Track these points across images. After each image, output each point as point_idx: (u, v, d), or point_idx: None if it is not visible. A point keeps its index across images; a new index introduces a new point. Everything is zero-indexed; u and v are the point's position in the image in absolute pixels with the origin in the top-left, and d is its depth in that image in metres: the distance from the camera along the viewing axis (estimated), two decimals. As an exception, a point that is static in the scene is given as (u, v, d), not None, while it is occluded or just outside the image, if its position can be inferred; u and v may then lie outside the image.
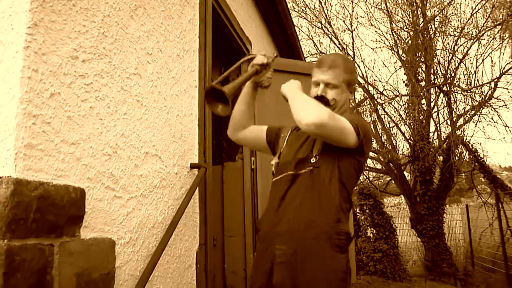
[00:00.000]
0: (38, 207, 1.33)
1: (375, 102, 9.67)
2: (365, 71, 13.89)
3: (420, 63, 9.23)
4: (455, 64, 9.12)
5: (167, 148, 2.28)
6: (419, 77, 9.38)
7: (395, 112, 9.82)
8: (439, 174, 9.14)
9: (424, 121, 9.11)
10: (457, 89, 9.12)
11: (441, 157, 9.10)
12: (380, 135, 9.83)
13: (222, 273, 3.91)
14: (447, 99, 9.14)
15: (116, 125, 1.83)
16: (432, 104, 9.33)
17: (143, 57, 2.11)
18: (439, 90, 9.22)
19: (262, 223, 1.68)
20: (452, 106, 9.10)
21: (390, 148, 9.63)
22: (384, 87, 13.14)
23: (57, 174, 1.45)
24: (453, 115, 9.05)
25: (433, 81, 9.24)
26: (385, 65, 16.62)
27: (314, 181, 1.57)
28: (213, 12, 3.09)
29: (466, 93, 8.99)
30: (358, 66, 10.15)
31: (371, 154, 10.10)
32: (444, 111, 9.38)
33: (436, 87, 9.20)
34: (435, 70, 9.32)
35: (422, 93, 8.96)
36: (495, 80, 8.71)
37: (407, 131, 9.67)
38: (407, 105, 9.42)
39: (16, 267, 1.24)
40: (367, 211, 8.87)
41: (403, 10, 9.52)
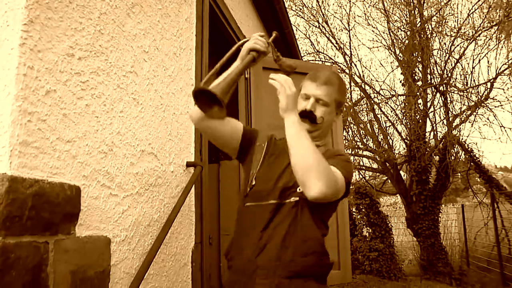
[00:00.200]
0: (33, 204, 1.33)
1: (372, 101, 9.70)
2: (362, 70, 13.94)
3: (417, 63, 9.26)
4: (451, 64, 9.16)
5: (163, 146, 2.28)
6: (416, 77, 9.41)
7: (391, 112, 9.86)
8: (435, 173, 9.17)
9: (420, 120, 9.14)
10: (453, 89, 9.16)
11: (437, 156, 9.13)
12: (377, 134, 9.86)
13: (218, 272, 3.91)
14: (443, 99, 9.17)
15: (112, 123, 1.83)
16: (429, 104, 9.37)
17: (140, 55, 2.10)
18: (435, 90, 9.26)
19: (237, 253, 1.52)
20: (449, 106, 9.14)
21: (386, 147, 9.65)
22: (380, 86, 13.22)
23: (52, 171, 1.45)
24: (450, 115, 9.08)
25: (429, 81, 9.28)
26: (382, 65, 16.73)
27: (299, 212, 1.46)
28: (210, 11, 3.08)
29: (462, 93, 9.02)
30: (355, 65, 10.18)
31: (367, 153, 10.15)
32: (440, 111, 9.44)
33: (433, 87, 9.23)
34: (432, 70, 9.36)
35: (418, 93, 8.98)
36: (491, 81, 8.74)
37: (403, 131, 9.71)
38: (403, 104, 9.46)
39: (11, 265, 1.23)
40: (363, 210, 8.89)
41: (400, 9, 9.55)
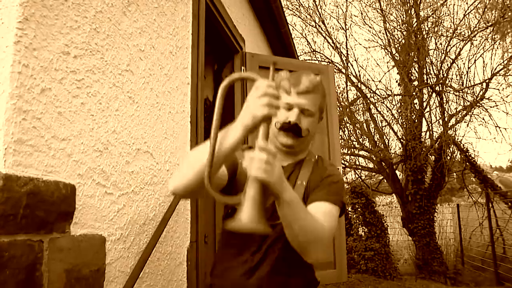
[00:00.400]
0: (27, 203, 1.32)
1: (368, 101, 9.72)
2: (358, 70, 13.97)
3: (413, 63, 9.29)
4: (447, 65, 9.20)
5: (159, 145, 2.28)
6: (412, 76, 9.45)
7: (387, 112, 9.91)
8: (430, 173, 9.20)
9: (416, 120, 9.18)
10: (449, 89, 9.19)
11: (433, 156, 9.17)
12: (373, 134, 9.88)
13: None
14: (439, 99, 9.21)
15: (108, 121, 1.82)
16: (425, 104, 9.41)
17: (136, 53, 2.10)
18: (431, 90, 9.29)
19: (224, 273, 1.44)
20: (444, 106, 9.18)
21: (382, 147, 9.68)
22: (377, 86, 13.26)
23: (47, 170, 1.44)
24: (445, 115, 9.12)
25: (425, 81, 9.31)
26: (378, 65, 16.76)
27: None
28: (206, 9, 3.08)
29: (458, 93, 9.06)
30: (351, 65, 10.20)
31: (363, 153, 10.17)
32: (436, 111, 9.48)
33: (429, 87, 9.26)
34: (428, 70, 9.39)
35: (414, 92, 9.01)
36: (487, 81, 8.79)
37: (399, 131, 9.75)
38: (399, 104, 9.49)
39: (5, 263, 1.23)
40: (359, 209, 8.90)
41: (396, 9, 9.58)
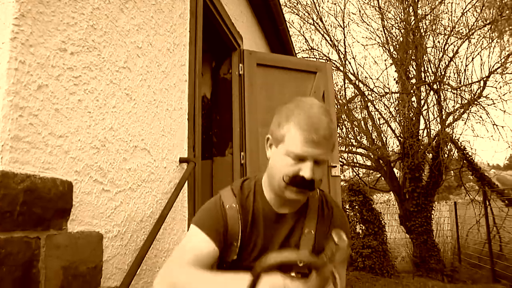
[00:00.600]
0: (24, 200, 1.32)
1: (366, 99, 9.73)
2: (356, 67, 13.96)
3: (411, 61, 9.30)
4: (445, 63, 9.23)
5: (156, 142, 2.28)
6: (410, 74, 9.45)
7: (385, 109, 9.92)
8: (428, 171, 9.23)
9: (414, 118, 9.19)
10: (447, 87, 9.21)
11: (430, 154, 9.19)
12: (371, 132, 9.90)
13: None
14: (437, 97, 9.23)
15: (105, 118, 1.82)
16: (422, 102, 9.43)
17: (133, 50, 2.09)
18: (429, 88, 9.31)
19: None
20: (442, 104, 9.20)
21: (380, 145, 9.70)
22: (374, 84, 13.24)
23: (44, 167, 1.44)
24: (443, 113, 9.14)
25: (423, 79, 9.32)
26: (376, 62, 16.74)
27: None
28: (204, 7, 3.07)
29: (455, 91, 9.08)
30: (349, 62, 10.20)
31: (361, 150, 10.18)
32: (434, 108, 9.51)
33: (426, 85, 9.28)
34: (426, 68, 9.41)
35: (412, 90, 9.02)
36: (484, 79, 8.81)
37: (397, 128, 9.76)
38: (397, 102, 9.50)
39: (2, 260, 1.23)
40: (357, 207, 8.93)
41: (394, 7, 9.58)
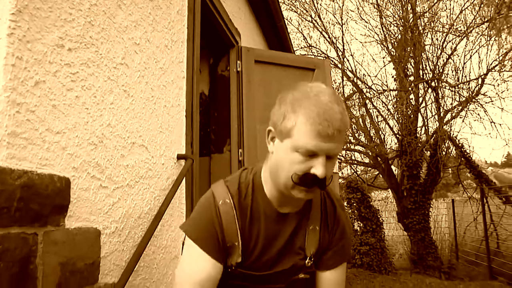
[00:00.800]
0: (21, 196, 1.32)
1: (364, 96, 9.74)
2: (355, 65, 13.96)
3: (409, 58, 9.30)
4: (443, 60, 9.22)
5: (154, 138, 2.28)
6: (408, 72, 9.46)
7: (383, 107, 9.93)
8: (426, 168, 9.24)
9: (412, 116, 9.20)
10: (445, 85, 9.22)
11: (428, 152, 9.21)
12: (369, 129, 9.90)
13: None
14: (435, 94, 9.23)
15: (103, 114, 1.82)
16: (420, 99, 9.43)
17: (131, 47, 2.09)
18: (427, 85, 9.31)
19: None
20: (440, 101, 9.20)
21: (378, 142, 9.71)
22: (373, 81, 13.26)
23: (41, 163, 1.44)
24: (441, 111, 9.15)
25: (421, 76, 9.33)
26: (374, 60, 16.77)
27: (304, 287, 1.32)
28: (202, 3, 3.07)
29: (453, 88, 9.09)
30: (348, 60, 10.19)
31: (359, 148, 10.20)
32: (432, 106, 9.51)
33: (425, 82, 9.28)
34: (424, 65, 9.41)
35: (410, 88, 9.03)
36: (482, 77, 8.82)
37: (395, 126, 9.78)
38: (395, 99, 9.51)
39: (-1, 256, 1.23)
40: (355, 204, 8.95)
41: (393, 5, 9.58)
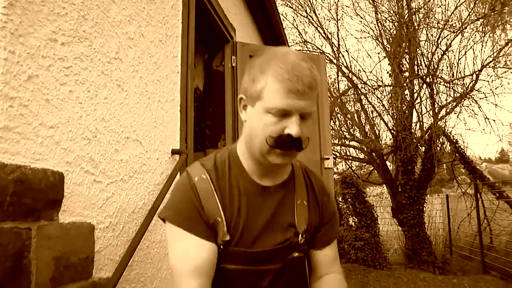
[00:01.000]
0: (14, 190, 1.32)
1: (359, 91, 9.75)
2: (350, 60, 13.97)
3: (404, 54, 9.32)
4: (438, 56, 9.26)
5: (148, 133, 2.27)
6: (403, 68, 9.47)
7: (378, 102, 9.95)
8: (420, 164, 9.29)
9: (407, 111, 9.23)
10: (439, 81, 9.25)
11: (423, 147, 9.25)
12: (364, 124, 9.93)
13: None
14: (429, 90, 9.26)
15: (96, 109, 1.82)
16: (415, 95, 9.47)
17: (125, 41, 2.08)
18: (422, 81, 9.34)
19: None
20: (435, 97, 9.24)
21: (373, 137, 9.74)
22: (368, 77, 13.26)
23: (35, 157, 1.44)
24: (435, 106, 9.19)
25: (416, 72, 9.35)
26: (369, 55, 16.77)
27: (300, 267, 1.23)
28: (197, -2, 3.06)
29: (448, 84, 9.12)
30: (343, 55, 10.20)
31: (354, 143, 10.22)
32: (426, 102, 9.55)
33: (419, 78, 9.31)
34: (419, 61, 9.44)
35: (405, 83, 9.05)
36: (477, 73, 8.86)
37: (390, 121, 9.81)
38: (390, 95, 9.53)
39: (-8, 250, 1.23)
40: (349, 200, 8.98)
41: (388, 0, 9.57)
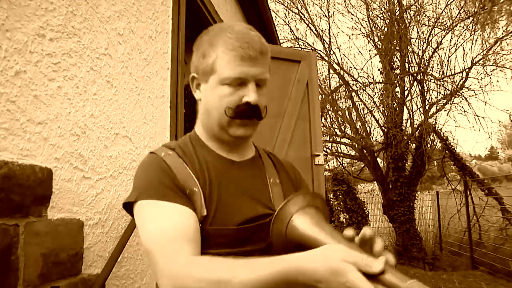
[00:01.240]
0: (2, 186, 1.31)
1: (350, 88, 9.79)
2: (341, 57, 13.99)
3: (395, 51, 9.36)
4: (429, 54, 9.30)
5: (138, 129, 2.26)
6: (394, 65, 9.52)
7: (369, 99, 10.00)
8: (411, 161, 9.34)
9: (397, 108, 9.28)
10: (430, 78, 9.30)
11: (414, 144, 9.30)
12: (355, 121, 9.97)
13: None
14: (420, 87, 9.32)
15: (85, 105, 1.81)
16: (406, 92, 9.52)
17: (114, 37, 2.07)
18: (413, 79, 9.40)
19: None
20: (425, 94, 9.29)
21: (364, 134, 9.78)
22: (359, 74, 13.27)
23: (23, 153, 1.43)
24: (426, 104, 9.24)
25: (407, 69, 9.40)
26: (361, 53, 16.79)
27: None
28: (187, -6, 3.05)
29: (438, 82, 9.18)
30: (334, 52, 10.21)
31: (345, 140, 10.26)
32: (417, 99, 9.60)
33: (410, 76, 9.36)
34: (410, 58, 9.48)
35: (396, 81, 9.10)
36: (467, 70, 8.92)
37: (381, 118, 9.86)
38: (381, 92, 9.58)
39: (-21, 246, 1.22)
40: (340, 196, 9.02)
41: (379, -2, 9.60)
